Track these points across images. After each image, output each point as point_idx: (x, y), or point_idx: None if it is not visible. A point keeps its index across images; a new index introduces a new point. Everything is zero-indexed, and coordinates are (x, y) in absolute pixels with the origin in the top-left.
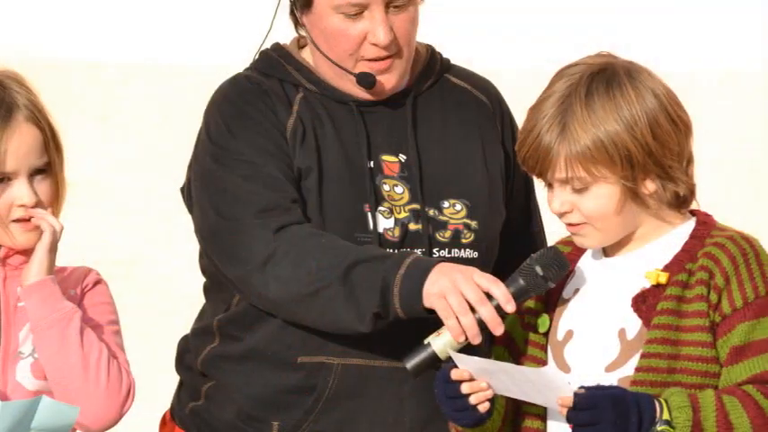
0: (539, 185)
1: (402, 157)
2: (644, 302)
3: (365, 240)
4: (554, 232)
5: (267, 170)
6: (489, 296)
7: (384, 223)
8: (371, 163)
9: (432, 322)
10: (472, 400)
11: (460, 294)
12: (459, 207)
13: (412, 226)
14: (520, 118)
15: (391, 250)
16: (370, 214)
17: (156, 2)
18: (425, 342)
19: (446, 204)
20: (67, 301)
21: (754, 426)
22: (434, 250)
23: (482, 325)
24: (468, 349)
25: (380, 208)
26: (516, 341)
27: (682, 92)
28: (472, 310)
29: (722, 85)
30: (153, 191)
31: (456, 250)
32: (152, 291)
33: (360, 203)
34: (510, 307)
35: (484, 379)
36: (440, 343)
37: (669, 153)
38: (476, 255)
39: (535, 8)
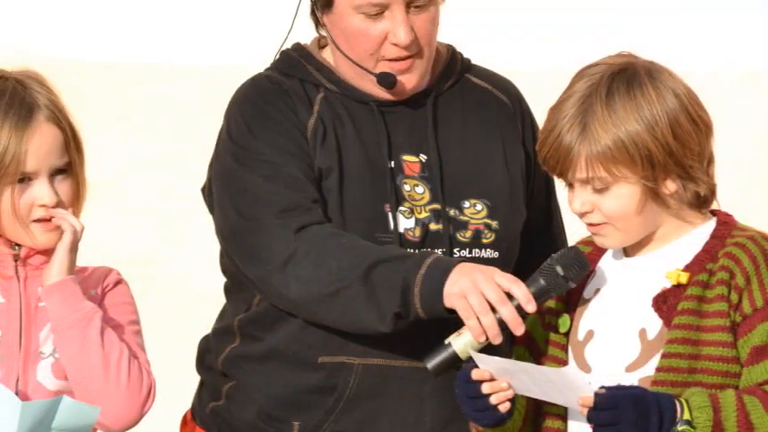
0: (559, 185)
1: (423, 157)
2: (665, 302)
3: (386, 240)
4: (575, 232)
5: (288, 170)
6: (510, 296)
7: (405, 223)
8: (392, 163)
9: (452, 322)
10: (493, 400)
11: (481, 294)
12: (479, 207)
13: (433, 226)
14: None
15: (412, 250)
16: (390, 214)
17: (160, 3)
18: (446, 342)
19: (467, 204)
20: (88, 301)
21: None
22: (455, 250)
23: (503, 325)
24: (488, 349)
25: (401, 208)
26: (537, 341)
27: (702, 92)
28: (493, 310)
29: (743, 85)
30: (166, 191)
31: (477, 250)
32: (165, 290)
33: (380, 203)
34: (531, 307)
35: (505, 379)
36: (460, 343)
37: (690, 153)
38: (496, 255)
39: (551, 8)
